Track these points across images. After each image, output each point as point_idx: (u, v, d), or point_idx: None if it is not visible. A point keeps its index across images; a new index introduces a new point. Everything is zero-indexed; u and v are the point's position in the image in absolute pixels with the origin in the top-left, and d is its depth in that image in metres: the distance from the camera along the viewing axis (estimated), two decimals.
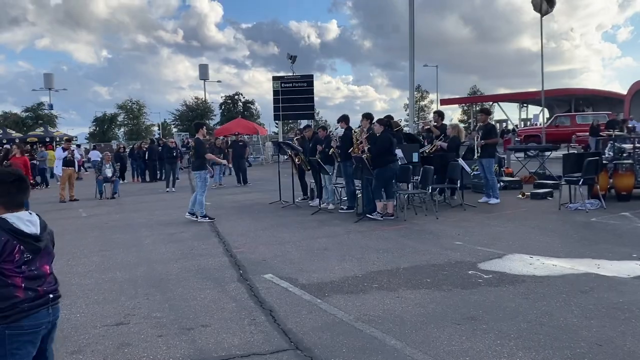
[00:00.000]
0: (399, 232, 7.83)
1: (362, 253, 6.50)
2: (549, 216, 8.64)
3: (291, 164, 12.21)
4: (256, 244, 7.44)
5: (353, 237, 7.58)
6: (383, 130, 8.99)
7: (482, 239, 7.00)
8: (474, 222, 8.33)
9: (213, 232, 8.60)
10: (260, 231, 8.44)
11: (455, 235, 7.39)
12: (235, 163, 17.76)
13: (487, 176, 10.46)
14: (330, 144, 10.45)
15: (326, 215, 9.74)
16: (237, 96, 56.85)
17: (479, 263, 5.76)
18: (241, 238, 7.91)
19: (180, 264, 6.40)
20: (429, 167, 9.36)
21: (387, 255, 6.34)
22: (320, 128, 10.80)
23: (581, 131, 25.00)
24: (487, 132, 10.39)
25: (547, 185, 12.11)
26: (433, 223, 8.46)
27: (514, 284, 4.93)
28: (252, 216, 10.17)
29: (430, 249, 6.53)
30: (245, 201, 12.82)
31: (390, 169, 8.93)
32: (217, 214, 10.47)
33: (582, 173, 8.89)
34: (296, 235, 7.91)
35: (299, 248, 7.00)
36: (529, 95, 46.70)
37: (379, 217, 8.95)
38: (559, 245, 6.50)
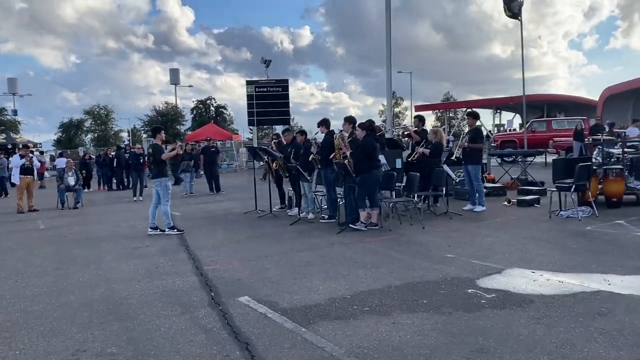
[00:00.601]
0: (385, 243, 7.25)
1: (348, 269, 5.88)
2: (541, 225, 8.18)
3: (267, 171, 11.56)
4: (230, 259, 6.76)
5: (337, 249, 6.97)
6: (366, 135, 8.42)
7: (476, 251, 6.47)
8: (463, 232, 7.80)
9: (182, 246, 7.89)
10: (234, 244, 7.75)
11: (445, 247, 6.84)
12: (206, 170, 17.00)
13: (473, 183, 9.99)
14: (310, 150, 9.83)
15: (306, 226, 9.11)
16: (210, 101, 55.75)
17: (478, 279, 5.21)
18: (213, 253, 7.22)
19: (143, 285, 5.68)
20: (414, 174, 8.82)
21: (376, 271, 5.74)
22: (299, 133, 10.18)
23: (557, 136, 24.97)
24: (473, 137, 9.92)
25: (532, 191, 11.74)
26: (420, 233, 7.91)
27: (521, 306, 4.37)
28: (225, 227, 9.47)
29: (422, 263, 5.96)
30: (217, 211, 12.09)
31: (374, 176, 8.36)
32: (186, 225, 9.75)
33: (574, 179, 8.46)
34: (274, 249, 7.26)
35: (278, 264, 6.35)
36: (502, 101, 47.09)
37: (362, 227, 8.36)
38: (559, 257, 6.00)
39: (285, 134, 10.52)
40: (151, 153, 9.13)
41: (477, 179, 9.98)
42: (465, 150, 9.91)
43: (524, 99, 17.90)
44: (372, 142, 8.44)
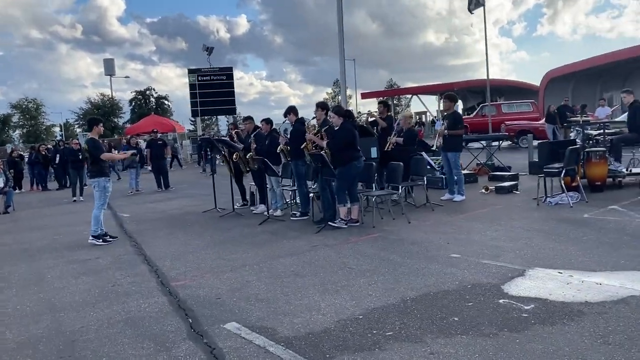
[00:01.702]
0: (375, 243, 6.45)
1: (345, 278, 5.04)
2: (532, 214, 7.63)
3: (226, 165, 10.53)
4: (201, 271, 5.77)
5: (323, 253, 6.11)
6: (343, 122, 7.57)
7: (480, 249, 5.78)
8: (454, 226, 7.12)
9: (139, 255, 6.81)
10: (201, 251, 6.75)
11: (444, 244, 6.12)
12: (154, 165, 15.67)
13: (453, 171, 9.35)
14: (277, 140, 8.89)
15: (278, 225, 8.18)
16: (149, 91, 53.27)
17: (503, 285, 4.49)
18: (179, 264, 6.20)
19: (100, 311, 4.63)
20: (396, 164, 8.05)
21: (379, 279, 4.93)
22: (263, 121, 9.19)
23: (508, 120, 25.04)
24: (453, 122, 9.26)
25: (504, 177, 11.30)
26: (408, 229, 7.17)
27: (573, 319, 3.67)
28: (185, 230, 8.40)
29: (428, 267, 5.19)
30: (171, 210, 10.95)
31: (354, 167, 7.54)
32: (139, 229, 8.63)
33: (564, 163, 7.95)
34: (250, 255, 6.31)
35: (260, 274, 5.42)
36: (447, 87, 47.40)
37: (343, 225, 7.53)
38: (576, 253, 5.38)
39: (246, 123, 9.51)
40: (86, 149, 7.91)
41: (457, 166, 9.35)
42: (445, 137, 9.24)
43: (487, 83, 17.56)
44: (352, 129, 7.60)
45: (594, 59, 36.42)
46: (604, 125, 9.52)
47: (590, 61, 36.55)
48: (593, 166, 8.82)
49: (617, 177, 9.13)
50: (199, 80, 33.79)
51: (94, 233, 7.69)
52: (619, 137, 9.32)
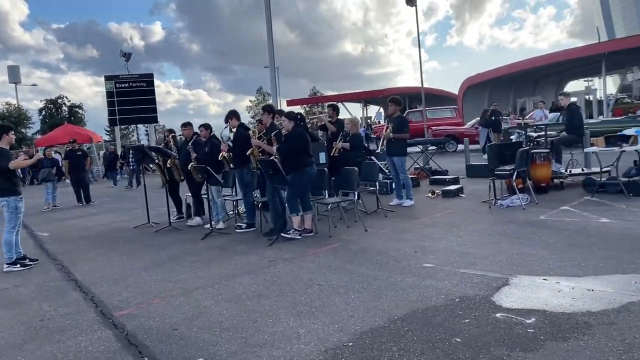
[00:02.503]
0: (337, 255, 5.98)
1: (318, 297, 4.52)
2: (489, 217, 7.48)
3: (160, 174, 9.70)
4: (147, 297, 5.03)
5: (284, 269, 5.55)
6: (295, 126, 7.07)
7: (452, 257, 5.46)
8: (414, 233, 6.81)
9: (68, 281, 5.94)
10: (142, 273, 5.98)
11: (412, 253, 5.76)
12: (73, 177, 14.36)
13: (400, 175, 9.10)
14: (219, 147, 8.23)
15: (223, 239, 7.52)
16: (61, 100, 49.93)
17: (492, 297, 4.17)
18: (118, 288, 5.41)
19: (30, 355, 3.83)
20: (350, 169, 7.64)
21: (356, 296, 4.46)
22: (202, 127, 8.48)
23: (433, 125, 25.55)
24: (399, 125, 9.00)
25: (446, 180, 11.25)
26: (367, 237, 6.78)
27: (583, 332, 3.37)
28: (118, 249, 7.53)
29: (405, 280, 4.79)
30: (97, 227, 9.93)
31: (307, 173, 7.06)
32: (64, 250, 7.67)
33: (515, 165, 7.88)
34: (201, 275, 5.63)
35: (218, 298, 4.78)
36: (372, 94, 48.23)
37: (297, 236, 7.01)
38: (551, 257, 5.19)
39: (184, 129, 8.75)
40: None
41: (404, 171, 9.11)
42: (390, 140, 8.97)
43: (422, 91, 17.70)
44: (304, 134, 7.12)
45: (507, 67, 38.26)
46: (545, 127, 9.65)
47: (503, 69, 38.35)
48: (538, 168, 8.87)
49: (559, 179, 9.25)
50: (116, 88, 32.03)
51: (8, 260, 6.68)
52: (559, 138, 9.46)
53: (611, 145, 8.00)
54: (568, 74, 41.90)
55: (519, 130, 9.88)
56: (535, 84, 42.18)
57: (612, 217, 6.72)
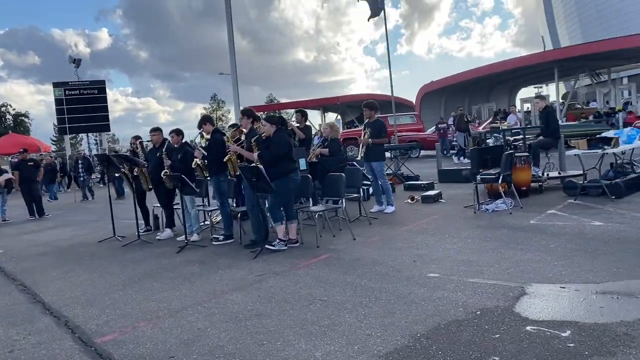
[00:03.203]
0: (331, 266, 5.62)
1: (325, 314, 4.15)
2: (478, 222, 7.29)
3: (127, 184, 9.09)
4: (130, 319, 4.52)
5: (277, 284, 5.15)
6: (277, 130, 6.68)
7: (454, 265, 5.21)
8: (406, 241, 6.53)
9: (34, 303, 5.33)
10: (119, 292, 5.43)
11: (410, 262, 5.47)
12: (24, 189, 13.43)
13: (380, 181, 8.84)
14: (191, 154, 7.74)
15: (201, 252, 7.03)
16: (5, 108, 47.57)
17: (514, 308, 3.91)
18: (94, 310, 4.87)
19: None
20: (337, 175, 7.29)
21: (367, 312, 4.11)
22: (173, 132, 7.95)
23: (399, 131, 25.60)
24: (376, 130, 8.75)
25: (421, 186, 11.11)
26: (357, 246, 6.45)
27: (629, 345, 3.14)
28: (85, 266, 6.91)
29: (414, 292, 4.48)
30: (57, 242, 9.20)
31: (292, 180, 6.68)
32: (23, 268, 7.01)
33: (501, 169, 7.75)
34: (186, 293, 5.15)
35: (212, 318, 4.33)
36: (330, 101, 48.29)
37: (282, 247, 6.62)
38: (558, 263, 5.00)
39: (153, 134, 8.21)
40: None
41: (383, 176, 8.86)
42: (369, 146, 8.70)
43: (392, 99, 17.62)
44: (287, 139, 6.75)
45: (461, 74, 39.00)
46: (523, 131, 9.62)
47: (458, 77, 39.08)
48: (518, 171, 8.78)
49: (538, 182, 9.21)
50: (66, 95, 30.70)
51: None
52: (536, 142, 9.44)
53: (593, 147, 7.99)
54: (520, 81, 43.07)
55: (495, 134, 9.81)
56: (489, 91, 43.16)
57: (603, 220, 6.64)
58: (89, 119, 31.01)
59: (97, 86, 31.95)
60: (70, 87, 31.10)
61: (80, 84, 31.68)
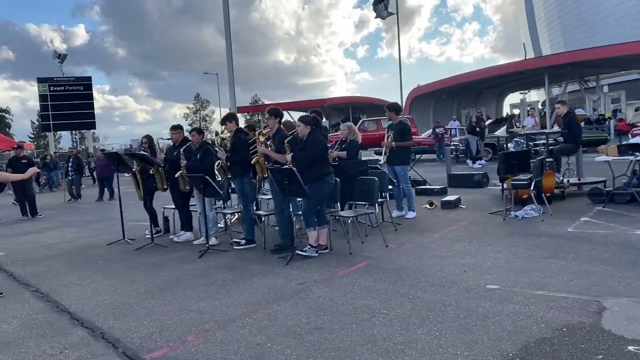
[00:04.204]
0: (375, 275, 5.32)
1: (393, 330, 3.84)
2: (511, 229, 7.06)
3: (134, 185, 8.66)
4: (174, 332, 4.16)
5: (323, 294, 4.83)
6: (311, 131, 6.37)
7: (510, 276, 4.95)
8: (445, 249, 6.27)
9: (59, 312, 4.92)
10: (150, 301, 5.05)
11: (460, 272, 5.21)
12: (18, 187, 12.86)
13: (402, 186, 8.57)
14: (214, 154, 7.38)
15: (225, 257, 6.66)
16: None
17: (601, 324, 3.67)
18: (129, 322, 4.49)
19: None
20: (370, 179, 6.99)
21: (439, 327, 3.82)
22: (194, 131, 7.57)
23: None
24: (401, 133, 8.49)
25: (434, 191, 10.88)
26: (394, 254, 6.17)
27: None
28: (101, 271, 6.49)
29: (482, 306, 4.21)
30: (61, 244, 8.73)
31: (327, 184, 6.38)
32: (32, 272, 6.59)
33: (534, 175, 7.54)
34: (226, 303, 4.79)
35: (268, 333, 3.99)
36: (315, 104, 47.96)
37: (314, 253, 6.30)
38: (624, 275, 4.79)
39: (174, 132, 7.82)
40: None
41: (406, 181, 8.59)
42: (392, 149, 8.43)
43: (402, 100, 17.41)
44: (323, 140, 6.46)
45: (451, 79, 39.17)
46: (547, 136, 9.45)
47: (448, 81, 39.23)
48: (544, 177, 8.59)
49: (561, 188, 9.04)
50: (51, 91, 29.93)
51: None
52: (558, 147, 9.27)
53: (624, 154, 7.84)
54: (508, 87, 43.42)
55: (517, 139, 9.63)
56: (477, 95, 43.42)
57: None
58: (74, 116, 30.29)
59: (83, 82, 31.30)
60: (55, 83, 30.37)
61: (66, 80, 30.98)
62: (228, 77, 18.81)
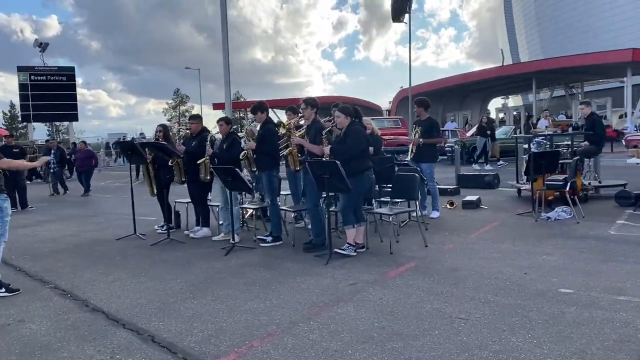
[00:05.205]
0: (430, 277, 4.99)
1: (484, 337, 3.52)
2: (549, 231, 6.80)
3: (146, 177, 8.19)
4: (236, 336, 3.76)
5: (384, 296, 4.47)
6: (351, 123, 6.02)
7: (579, 280, 4.68)
8: (491, 250, 5.98)
9: (92, 312, 4.47)
10: (191, 301, 4.63)
11: (522, 275, 4.91)
12: (9, 178, 12.13)
13: (428, 184, 8.28)
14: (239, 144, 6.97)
15: (255, 255, 6.26)
16: None
17: None
18: (176, 322, 4.07)
19: None
20: (410, 175, 6.66)
21: (533, 335, 3.51)
22: (221, 121, 7.13)
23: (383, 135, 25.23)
24: (428, 129, 8.20)
25: (447, 191, 10.63)
26: (438, 254, 5.86)
27: None
28: (121, 267, 6.02)
29: (568, 311, 3.92)
30: (65, 238, 8.20)
31: (367, 179, 6.05)
32: (45, 268, 6.12)
33: (569, 175, 7.32)
34: (279, 304, 4.40)
35: (341, 338, 3.62)
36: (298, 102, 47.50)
37: (352, 252, 5.95)
38: None
39: (193, 122, 7.38)
40: None
41: (432, 179, 8.30)
42: (419, 146, 8.14)
43: (410, 97, 17.12)
44: (364, 132, 6.12)
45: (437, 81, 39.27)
46: (571, 137, 9.27)
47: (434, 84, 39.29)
48: None
49: (585, 191, 8.87)
50: (31, 80, 28.92)
51: None
52: (582, 150, 9.10)
53: None
54: (493, 91, 43.72)
55: (538, 140, 9.43)
56: (462, 99, 43.58)
57: None
58: (56, 107, 29.33)
59: (66, 73, 30.36)
60: (36, 72, 29.39)
61: (48, 69, 30.00)
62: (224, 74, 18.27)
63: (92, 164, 16.36)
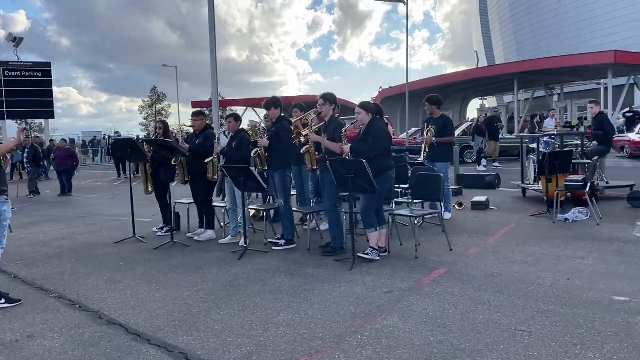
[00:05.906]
0: (468, 284, 4.70)
1: (557, 352, 3.23)
2: (572, 233, 6.57)
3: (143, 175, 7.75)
4: (278, 353, 3.39)
5: (427, 306, 4.15)
6: (372, 120, 5.70)
7: (629, 286, 4.44)
8: (520, 254, 5.72)
9: (109, 325, 4.05)
10: (217, 312, 4.24)
11: (565, 281, 4.66)
12: None
13: None
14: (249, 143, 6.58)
15: (270, 259, 5.89)
16: None
17: None
18: (207, 337, 3.68)
19: None
20: (435, 175, 6.35)
21: (609, 349, 3.24)
22: (231, 117, 6.72)
23: None
24: (442, 128, 7.93)
25: None
26: (466, 259, 5.58)
27: None
28: (128, 274, 5.58)
29: (634, 322, 3.66)
30: (58, 241, 7.69)
31: (390, 179, 5.75)
32: (43, 274, 5.63)
33: (588, 175, 7.13)
34: (315, 315, 4.05)
35: (399, 355, 3.29)
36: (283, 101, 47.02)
37: (376, 257, 5.62)
38: None
39: (196, 119, 6.96)
40: None
41: (447, 179, 8.02)
42: (433, 145, 7.87)
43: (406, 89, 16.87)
44: (387, 130, 5.80)
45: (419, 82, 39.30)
46: (582, 137, 9.12)
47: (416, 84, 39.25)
48: None
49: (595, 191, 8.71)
50: (5, 76, 27.89)
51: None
52: (591, 149, 8.96)
53: None
54: (473, 92, 43.93)
55: (546, 139, 9.26)
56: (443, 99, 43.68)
57: None
58: (31, 104, 28.36)
59: (42, 68, 29.38)
60: (10, 68, 28.35)
61: (23, 65, 28.98)
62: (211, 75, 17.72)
63: (72, 163, 15.69)
